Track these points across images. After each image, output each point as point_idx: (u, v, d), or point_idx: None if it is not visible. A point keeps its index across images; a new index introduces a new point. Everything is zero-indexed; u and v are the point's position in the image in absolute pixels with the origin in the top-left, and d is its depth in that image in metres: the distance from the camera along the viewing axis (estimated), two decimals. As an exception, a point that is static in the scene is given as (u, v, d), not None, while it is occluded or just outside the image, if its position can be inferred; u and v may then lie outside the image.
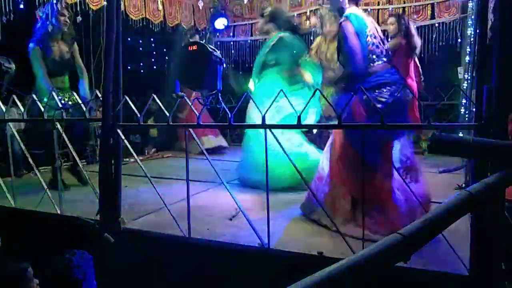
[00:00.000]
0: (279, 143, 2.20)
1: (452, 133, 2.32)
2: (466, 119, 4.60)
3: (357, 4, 2.75)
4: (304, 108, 2.20)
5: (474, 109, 1.84)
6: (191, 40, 5.66)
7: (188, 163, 2.56)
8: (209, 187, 3.84)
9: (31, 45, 3.78)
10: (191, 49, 3.10)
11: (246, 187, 3.89)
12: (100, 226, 2.65)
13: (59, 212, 2.97)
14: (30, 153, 3.25)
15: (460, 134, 3.39)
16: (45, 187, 3.01)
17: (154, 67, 7.20)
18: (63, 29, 3.89)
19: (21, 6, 3.48)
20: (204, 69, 2.93)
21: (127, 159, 4.53)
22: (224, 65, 3.05)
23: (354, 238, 2.39)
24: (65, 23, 3.87)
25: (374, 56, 2.63)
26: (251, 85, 3.93)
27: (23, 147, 3.23)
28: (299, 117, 2.09)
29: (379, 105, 2.40)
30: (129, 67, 7.15)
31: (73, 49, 4.00)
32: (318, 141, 4.02)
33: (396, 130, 2.48)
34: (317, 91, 2.23)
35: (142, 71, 7.18)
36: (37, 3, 3.80)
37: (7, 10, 3.61)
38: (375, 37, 2.62)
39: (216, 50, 3.15)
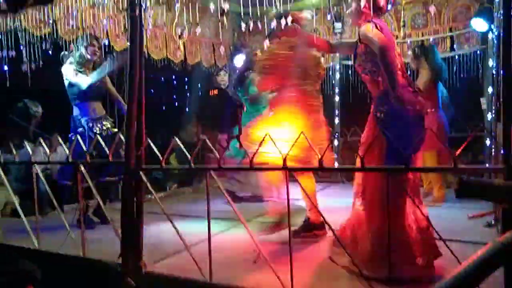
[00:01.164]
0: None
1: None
2: (492, 151, 4.48)
3: (378, 17, 2.72)
4: None
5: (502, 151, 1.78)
6: (216, 76, 5.81)
7: (210, 204, 2.54)
8: (231, 225, 3.81)
9: (64, 65, 3.91)
10: (212, 94, 3.16)
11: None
12: (121, 270, 2.63)
13: (81, 254, 2.98)
14: (56, 190, 3.30)
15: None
16: (68, 229, 3.04)
17: (176, 104, 7.35)
18: (94, 59, 4.05)
19: (50, 52, 3.63)
20: (226, 112, 2.98)
21: (149, 196, 4.57)
22: (245, 109, 3.08)
23: (378, 280, 2.32)
24: (95, 53, 4.03)
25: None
26: None
27: (48, 189, 3.28)
28: (320, 160, 2.06)
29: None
30: (150, 103, 7.32)
31: (105, 79, 4.17)
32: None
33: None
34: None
35: (164, 107, 7.33)
36: (63, 48, 3.96)
37: (37, 57, 3.78)
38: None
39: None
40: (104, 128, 3.99)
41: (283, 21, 2.75)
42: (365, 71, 2.70)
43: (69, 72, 3.86)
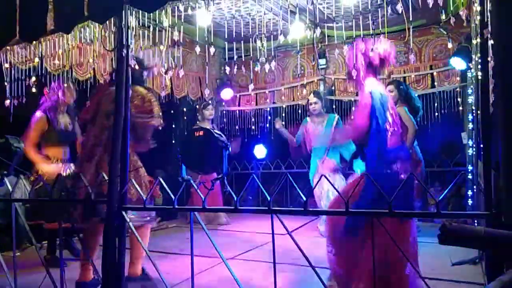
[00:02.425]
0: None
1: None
2: (474, 188, 4.55)
3: (375, 76, 2.81)
4: None
5: (483, 197, 1.80)
6: (205, 111, 5.89)
7: (193, 242, 2.49)
8: (216, 262, 3.74)
9: (38, 113, 3.99)
10: (197, 134, 3.17)
11: (252, 262, 3.78)
12: (102, 314, 2.55)
13: (60, 296, 2.87)
14: (34, 226, 3.22)
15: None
16: (46, 269, 2.94)
17: (161, 138, 7.31)
18: (68, 103, 4.14)
19: (34, 90, 3.62)
20: (210, 154, 2.98)
21: (130, 230, 4.51)
22: (230, 150, 3.10)
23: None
24: (71, 96, 4.12)
25: (389, 132, 2.67)
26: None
27: (26, 225, 3.20)
28: (305, 202, 2.07)
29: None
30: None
31: (76, 123, 4.24)
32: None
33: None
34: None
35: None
36: (48, 84, 3.99)
37: (19, 93, 3.77)
38: (391, 113, 2.67)
39: (222, 135, 3.22)
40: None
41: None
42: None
43: (33, 130, 3.96)
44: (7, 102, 3.75)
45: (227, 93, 6.80)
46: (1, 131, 3.92)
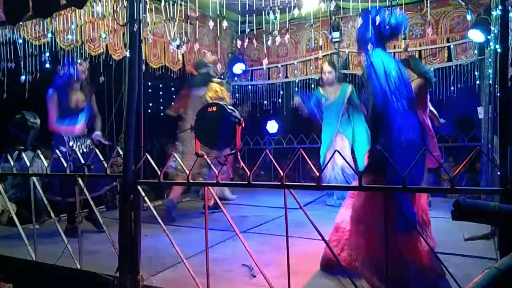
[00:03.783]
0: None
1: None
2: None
3: (384, 48, 2.76)
4: None
5: (499, 173, 1.79)
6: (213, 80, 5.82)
7: (207, 217, 2.54)
8: (228, 236, 3.80)
9: (50, 91, 4.07)
10: (210, 109, 3.16)
11: (265, 235, 3.84)
12: (119, 284, 2.63)
13: (78, 266, 2.97)
14: (51, 201, 3.31)
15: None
16: (66, 241, 3.03)
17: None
18: (81, 79, 4.17)
19: (47, 66, 3.63)
20: (223, 129, 2.98)
21: (145, 204, 4.60)
22: (243, 125, 3.09)
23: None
24: (84, 72, 4.15)
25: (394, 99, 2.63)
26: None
27: (44, 198, 3.28)
28: (318, 178, 2.08)
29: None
30: (149, 111, 7.32)
31: (92, 100, 4.31)
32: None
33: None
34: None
35: (162, 114, 7.33)
36: (61, 61, 4.01)
37: (33, 69, 3.79)
38: (399, 80, 2.62)
39: (235, 110, 3.21)
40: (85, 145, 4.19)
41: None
42: None
43: (49, 108, 4.06)
44: (23, 78, 3.78)
45: (239, 68, 6.75)
46: (17, 107, 3.99)
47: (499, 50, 2.04)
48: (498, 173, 1.78)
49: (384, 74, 2.62)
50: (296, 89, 6.59)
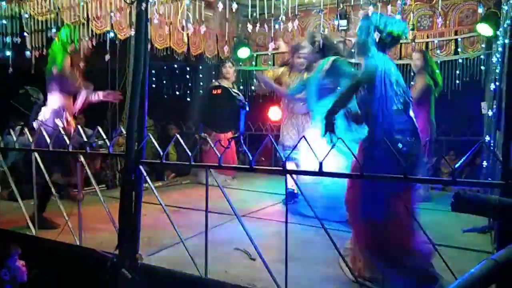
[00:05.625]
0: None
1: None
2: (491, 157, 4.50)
3: (384, 51, 2.73)
4: None
5: (500, 167, 1.80)
6: (222, 68, 5.75)
7: (208, 199, 2.56)
8: (228, 219, 3.82)
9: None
10: (215, 92, 3.15)
11: (266, 219, 3.88)
12: (117, 261, 2.66)
13: (78, 243, 3.01)
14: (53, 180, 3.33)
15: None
16: (66, 218, 3.06)
17: (177, 92, 7.33)
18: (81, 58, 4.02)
19: (56, 40, 3.59)
20: (228, 112, 2.97)
21: (146, 184, 4.63)
22: (247, 109, 3.08)
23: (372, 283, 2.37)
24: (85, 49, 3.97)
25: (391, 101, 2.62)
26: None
27: (47, 176, 3.30)
28: (320, 165, 2.09)
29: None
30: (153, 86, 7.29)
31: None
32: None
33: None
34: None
35: (165, 96, 7.31)
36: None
37: (40, 45, 3.76)
38: (397, 84, 2.60)
39: (240, 93, 3.19)
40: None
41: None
42: None
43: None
44: (28, 53, 3.76)
45: (244, 52, 6.70)
46: (23, 83, 3.98)
47: (507, 42, 2.03)
48: (500, 167, 1.79)
49: (383, 76, 2.60)
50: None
